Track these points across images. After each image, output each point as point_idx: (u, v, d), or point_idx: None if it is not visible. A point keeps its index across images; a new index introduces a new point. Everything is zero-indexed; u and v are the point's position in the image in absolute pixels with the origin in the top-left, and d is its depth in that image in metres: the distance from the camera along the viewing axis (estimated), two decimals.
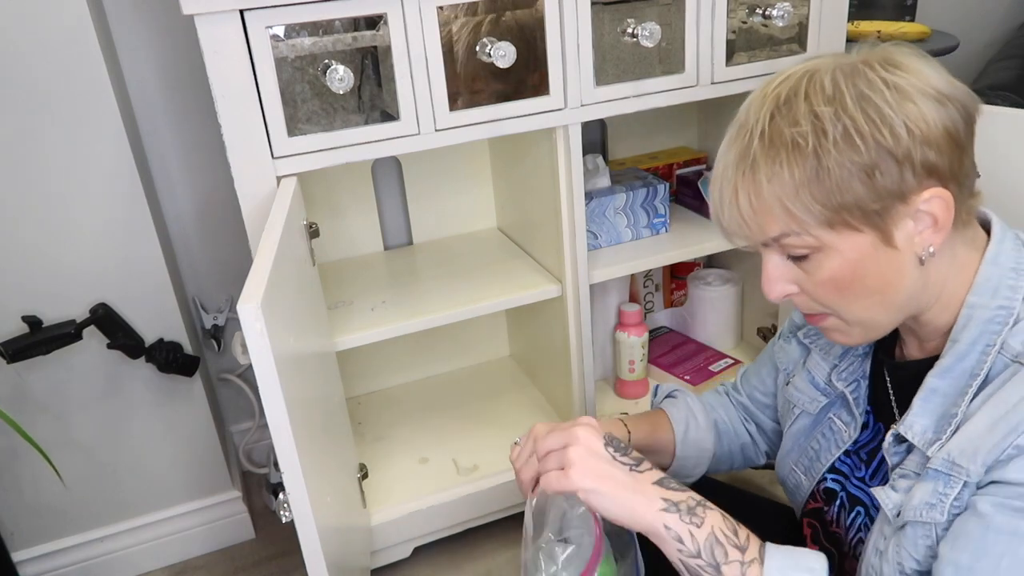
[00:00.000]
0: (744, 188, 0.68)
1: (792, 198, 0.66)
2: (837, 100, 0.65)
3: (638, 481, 0.72)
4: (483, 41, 1.08)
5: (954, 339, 0.70)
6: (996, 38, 2.27)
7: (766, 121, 0.67)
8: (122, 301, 1.28)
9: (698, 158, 1.64)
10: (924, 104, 0.64)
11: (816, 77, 0.66)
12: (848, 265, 0.68)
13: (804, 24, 1.26)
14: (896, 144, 0.64)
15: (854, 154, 0.64)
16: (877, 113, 0.64)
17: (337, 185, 1.47)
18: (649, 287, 1.71)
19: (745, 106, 0.71)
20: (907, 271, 0.68)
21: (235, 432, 1.65)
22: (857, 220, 0.66)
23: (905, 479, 0.71)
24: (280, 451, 0.76)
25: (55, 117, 1.16)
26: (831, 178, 0.64)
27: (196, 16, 0.94)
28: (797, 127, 0.65)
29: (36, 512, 1.35)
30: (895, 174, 0.64)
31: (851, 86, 0.65)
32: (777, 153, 0.66)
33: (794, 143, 0.65)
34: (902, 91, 0.64)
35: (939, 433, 0.69)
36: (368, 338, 1.23)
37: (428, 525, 1.35)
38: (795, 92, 0.66)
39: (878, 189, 0.65)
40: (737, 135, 0.70)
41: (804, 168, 0.65)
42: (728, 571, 0.68)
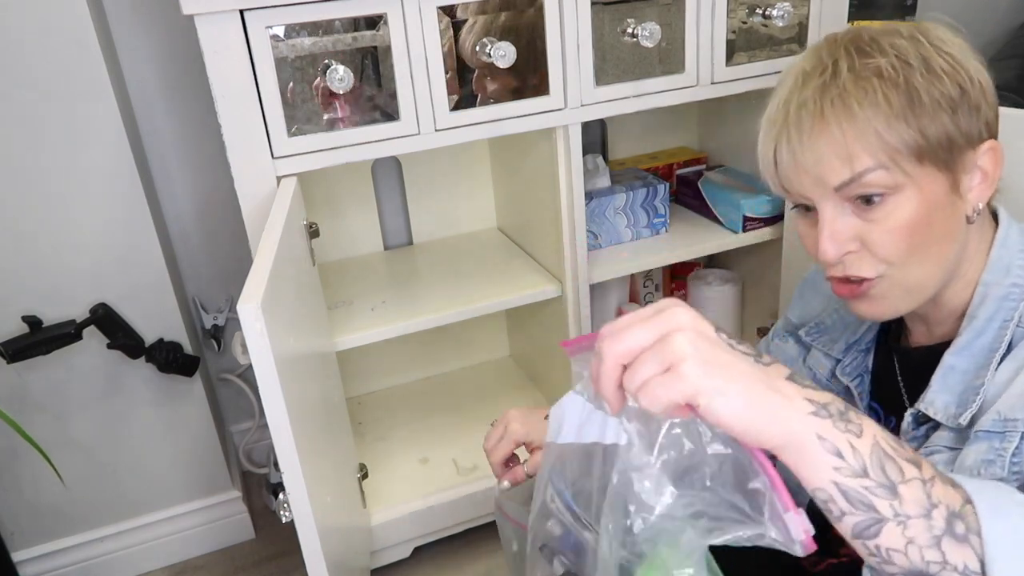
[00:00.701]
0: (835, 117, 0.65)
1: (887, 125, 0.64)
2: (917, 42, 0.67)
3: (770, 376, 0.51)
4: (483, 41, 1.08)
5: (972, 315, 0.71)
6: (996, 38, 2.27)
7: (852, 52, 0.67)
8: (122, 301, 1.28)
9: (698, 158, 1.64)
10: (977, 63, 0.68)
11: (889, 32, 0.68)
12: (924, 208, 0.67)
13: (804, 24, 1.26)
14: (971, 87, 0.66)
15: (941, 86, 0.65)
16: (950, 57, 0.66)
17: (337, 185, 1.47)
18: (649, 287, 1.71)
19: (809, 55, 0.70)
20: (960, 227, 0.70)
21: (235, 432, 1.65)
22: (942, 156, 0.66)
23: (936, 455, 0.70)
24: (280, 451, 0.76)
25: (55, 117, 1.16)
26: (923, 106, 0.65)
27: (196, 16, 0.94)
28: (886, 56, 0.65)
29: (36, 512, 1.35)
30: (970, 117, 0.67)
31: (923, 34, 0.67)
32: (868, 81, 0.65)
33: (885, 72, 0.65)
34: (962, 49, 0.68)
35: (965, 406, 0.68)
36: (368, 338, 1.23)
37: (428, 525, 1.35)
38: (868, 35, 0.68)
39: (960, 127, 0.66)
40: (811, 74, 0.68)
41: (898, 95, 0.65)
42: (907, 492, 0.50)
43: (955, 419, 0.69)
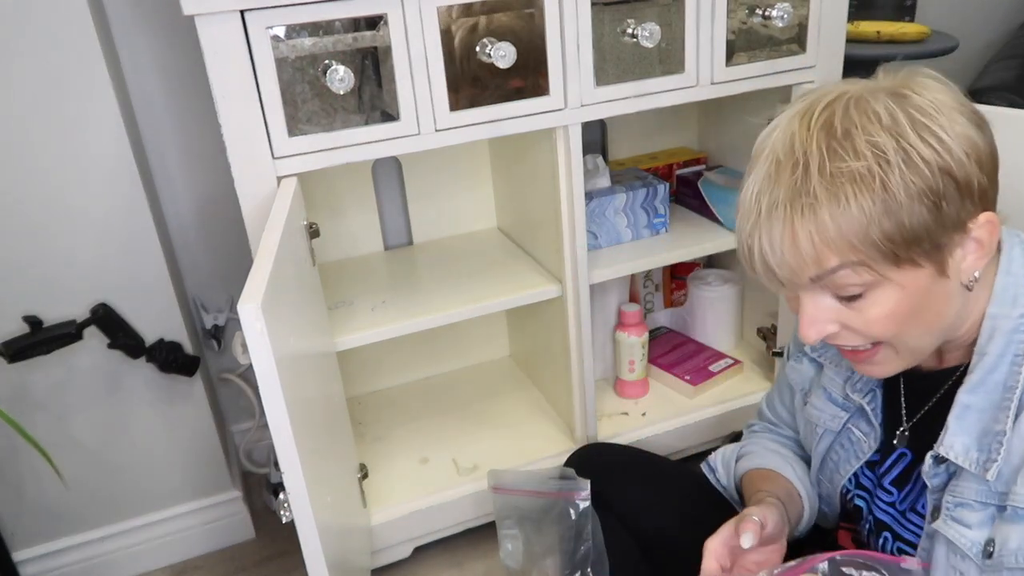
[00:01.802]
0: (804, 227, 0.64)
1: (861, 235, 0.62)
2: (896, 127, 0.62)
3: None
4: (483, 41, 1.08)
5: (981, 352, 0.69)
6: (996, 38, 2.27)
7: (824, 152, 0.63)
8: (122, 301, 1.28)
9: (698, 158, 1.64)
10: (968, 127, 0.64)
11: (862, 104, 0.64)
12: (906, 300, 0.66)
13: (804, 24, 1.26)
14: (957, 168, 0.62)
15: (921, 182, 0.62)
16: (935, 138, 0.62)
17: (337, 185, 1.47)
18: (649, 287, 1.71)
19: (783, 138, 0.67)
20: (954, 298, 0.68)
21: (235, 432, 1.65)
22: (923, 254, 0.64)
23: (968, 509, 0.69)
24: (280, 451, 0.76)
25: (55, 117, 1.16)
26: (902, 210, 0.62)
27: (196, 16, 0.94)
28: (860, 159, 0.62)
29: (36, 512, 1.35)
30: (957, 200, 0.63)
31: (903, 111, 0.63)
32: (841, 187, 0.62)
33: (859, 176, 0.62)
34: (948, 114, 0.63)
35: (988, 452, 0.67)
36: (368, 338, 1.23)
37: (428, 525, 1.35)
38: (848, 120, 0.63)
39: (944, 218, 0.63)
40: (783, 168, 0.65)
41: (873, 201, 0.62)
42: None
43: (980, 467, 0.68)
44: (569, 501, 1.09)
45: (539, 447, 1.43)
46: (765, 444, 0.99)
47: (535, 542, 1.17)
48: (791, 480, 0.92)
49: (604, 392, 1.57)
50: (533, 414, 1.54)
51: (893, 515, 0.81)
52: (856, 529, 0.89)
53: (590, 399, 1.39)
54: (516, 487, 1.20)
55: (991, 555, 0.67)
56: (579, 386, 1.38)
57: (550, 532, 1.13)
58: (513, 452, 1.42)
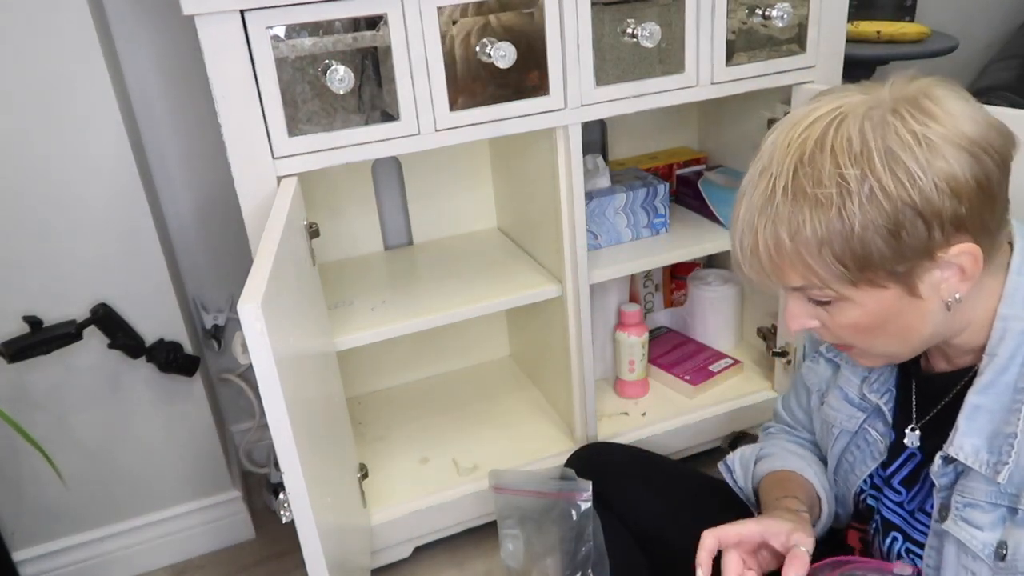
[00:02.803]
0: (764, 240, 0.67)
1: (814, 255, 0.65)
2: (864, 157, 0.62)
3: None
4: (483, 41, 1.08)
5: (991, 353, 0.69)
6: (996, 38, 2.27)
7: (789, 174, 0.65)
8: (122, 301, 1.28)
9: (698, 158, 1.64)
10: (956, 158, 0.62)
11: (843, 127, 0.64)
12: (869, 315, 0.67)
13: (804, 24, 1.26)
14: (924, 203, 0.61)
15: (879, 215, 0.62)
16: (905, 172, 0.61)
17: (337, 185, 1.47)
18: (649, 287, 1.71)
19: (770, 145, 0.69)
20: (931, 316, 0.68)
21: (235, 432, 1.65)
22: (881, 278, 0.65)
23: (978, 510, 0.69)
24: (280, 451, 0.76)
25: (55, 117, 1.16)
26: (854, 238, 0.63)
27: (196, 16, 0.94)
28: (821, 187, 0.63)
29: (36, 512, 1.35)
30: (922, 232, 0.62)
31: (879, 140, 0.62)
32: (800, 209, 0.64)
33: (817, 201, 0.63)
34: (932, 146, 0.62)
35: (998, 454, 0.67)
36: (368, 338, 1.23)
37: (428, 525, 1.35)
38: (820, 145, 0.64)
39: (903, 248, 0.63)
40: (759, 180, 0.68)
41: (827, 227, 0.63)
42: None
43: (990, 469, 0.68)
44: (570, 502, 1.09)
45: (539, 447, 1.43)
46: (784, 446, 0.99)
47: (536, 542, 1.17)
48: (812, 482, 0.92)
49: (604, 392, 1.57)
50: (533, 414, 1.54)
51: (902, 515, 0.81)
52: (865, 529, 0.89)
53: (590, 399, 1.39)
54: (517, 487, 1.20)
55: (1004, 557, 0.67)
56: (579, 386, 1.38)
57: (551, 532, 1.13)
58: (513, 452, 1.42)
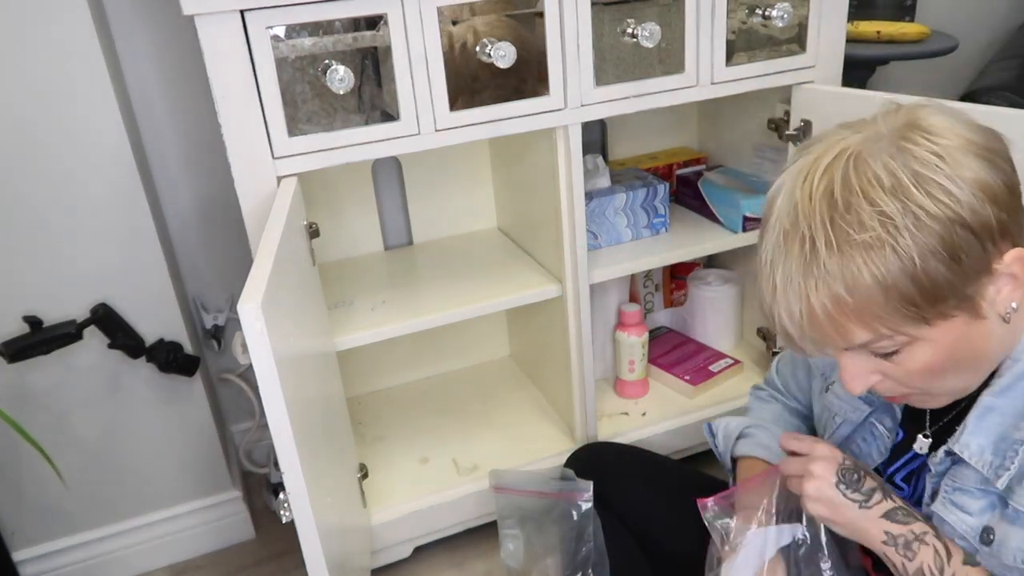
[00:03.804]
0: (820, 304, 0.63)
1: (880, 303, 0.62)
2: (899, 189, 0.60)
3: (865, 517, 0.75)
4: (483, 41, 1.08)
5: (1016, 358, 0.69)
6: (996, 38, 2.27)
7: (828, 227, 0.62)
8: (122, 301, 1.28)
9: (698, 158, 1.64)
10: (979, 165, 0.61)
11: (863, 165, 0.62)
12: (942, 351, 0.65)
13: (804, 24, 1.26)
14: (971, 215, 0.60)
15: (934, 240, 0.60)
16: (942, 191, 0.60)
17: (337, 185, 1.47)
18: (649, 287, 1.71)
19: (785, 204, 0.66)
20: (994, 334, 0.67)
21: (235, 432, 1.65)
22: (951, 308, 0.63)
23: (967, 496, 0.71)
24: (280, 451, 0.76)
25: (55, 117, 1.16)
26: (919, 272, 0.60)
27: (196, 16, 0.94)
28: (866, 231, 0.60)
29: (36, 512, 1.35)
30: (977, 247, 0.61)
31: (904, 168, 0.61)
32: (851, 260, 0.61)
33: (868, 246, 0.60)
34: (953, 159, 0.61)
35: (1003, 458, 0.68)
36: (368, 338, 1.23)
37: (428, 525, 1.35)
38: (849, 189, 0.61)
39: (965, 269, 0.61)
40: (788, 243, 0.65)
41: (887, 269, 0.60)
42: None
43: (992, 472, 0.68)
44: (571, 502, 1.09)
45: (539, 447, 1.43)
46: (768, 419, 1.00)
47: (536, 542, 1.17)
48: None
49: (604, 392, 1.57)
50: (533, 414, 1.54)
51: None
52: None
53: (590, 399, 1.39)
54: (517, 487, 1.21)
55: (990, 543, 0.68)
56: (579, 386, 1.38)
57: (551, 532, 1.13)
58: (513, 452, 1.42)
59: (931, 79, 2.16)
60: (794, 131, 1.30)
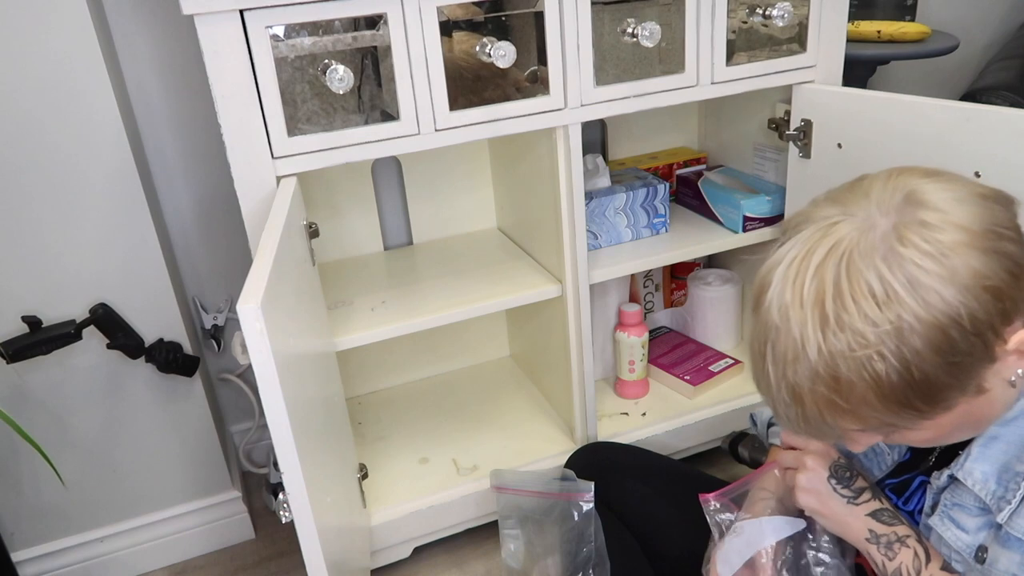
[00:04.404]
0: (813, 403, 0.62)
1: (878, 408, 0.61)
2: (893, 300, 0.58)
3: (852, 513, 0.79)
4: (483, 41, 1.08)
5: (1022, 390, 0.68)
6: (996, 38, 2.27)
7: (819, 338, 0.60)
8: (122, 301, 1.28)
9: (698, 158, 1.64)
10: (978, 259, 0.58)
11: (855, 272, 0.59)
12: (944, 428, 0.65)
13: (804, 24, 1.26)
14: (969, 317, 0.58)
15: (929, 347, 0.58)
16: (938, 298, 0.58)
17: (337, 185, 1.47)
18: (649, 287, 1.71)
19: (776, 300, 0.63)
20: (997, 399, 0.66)
21: (235, 432, 1.65)
22: (953, 399, 0.62)
23: (965, 512, 0.71)
24: (280, 451, 0.76)
25: (55, 117, 1.16)
26: (915, 381, 0.59)
27: (196, 16, 0.94)
28: (862, 347, 0.58)
29: (36, 512, 1.35)
30: (978, 345, 0.59)
31: (899, 275, 0.58)
32: (847, 372, 0.60)
33: (863, 362, 0.59)
34: (951, 258, 0.58)
35: (1005, 489, 0.68)
36: (368, 338, 1.23)
37: (428, 525, 1.35)
38: (841, 301, 0.59)
39: (967, 370, 0.60)
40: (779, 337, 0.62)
41: (885, 381, 0.59)
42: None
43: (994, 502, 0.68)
44: (572, 502, 1.09)
45: (539, 447, 1.43)
46: None
47: (537, 542, 1.17)
48: None
49: (604, 392, 1.57)
50: (533, 414, 1.53)
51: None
52: None
53: (590, 399, 1.39)
54: (518, 487, 1.20)
55: (983, 561, 0.69)
56: (579, 386, 1.38)
57: (552, 532, 1.13)
58: (513, 452, 1.42)
59: (931, 79, 2.16)
60: (794, 131, 1.30)
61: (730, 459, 1.46)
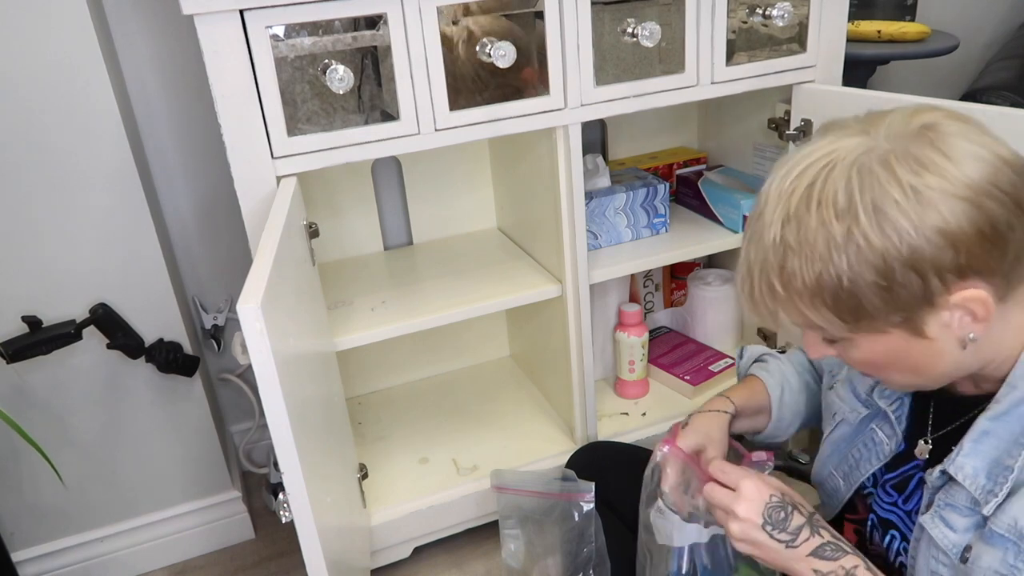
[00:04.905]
0: (759, 286, 0.68)
1: (808, 306, 0.66)
2: (850, 214, 0.61)
3: (793, 557, 0.76)
4: (483, 41, 1.08)
5: (1012, 385, 0.68)
6: (996, 38, 2.27)
7: (779, 227, 0.65)
8: (122, 301, 1.28)
9: (698, 158, 1.64)
10: (951, 209, 0.59)
11: (831, 179, 0.63)
12: (878, 355, 0.68)
13: (804, 24, 1.26)
14: (915, 256, 0.60)
15: (868, 270, 0.61)
16: (894, 228, 0.60)
17: (337, 185, 1.47)
18: (649, 287, 1.71)
19: (765, 191, 0.69)
20: (947, 353, 0.67)
21: (235, 432, 1.65)
22: (880, 326, 0.65)
23: (956, 513, 0.71)
24: (280, 451, 0.76)
25: (55, 117, 1.16)
26: (843, 292, 0.63)
27: (196, 16, 0.94)
28: (808, 243, 0.63)
29: (36, 512, 1.35)
30: (916, 283, 0.61)
31: (866, 195, 0.61)
32: (790, 261, 0.65)
33: (806, 256, 0.63)
34: (923, 198, 0.60)
35: (993, 483, 0.68)
36: (368, 338, 1.23)
37: (428, 525, 1.35)
38: (807, 200, 0.63)
39: (898, 301, 0.62)
40: (755, 226, 0.69)
41: (817, 281, 0.63)
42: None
43: (984, 495, 0.68)
44: (573, 502, 1.09)
45: (539, 447, 1.43)
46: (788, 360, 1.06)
47: (537, 542, 1.17)
48: (770, 395, 1.02)
49: (604, 392, 1.57)
50: (533, 414, 1.53)
51: (898, 515, 0.82)
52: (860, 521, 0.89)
53: (590, 399, 1.39)
54: (519, 487, 1.20)
55: (966, 561, 0.69)
56: (579, 386, 1.38)
57: (552, 532, 1.13)
58: (513, 452, 1.42)
59: (931, 79, 2.16)
60: (794, 131, 1.30)
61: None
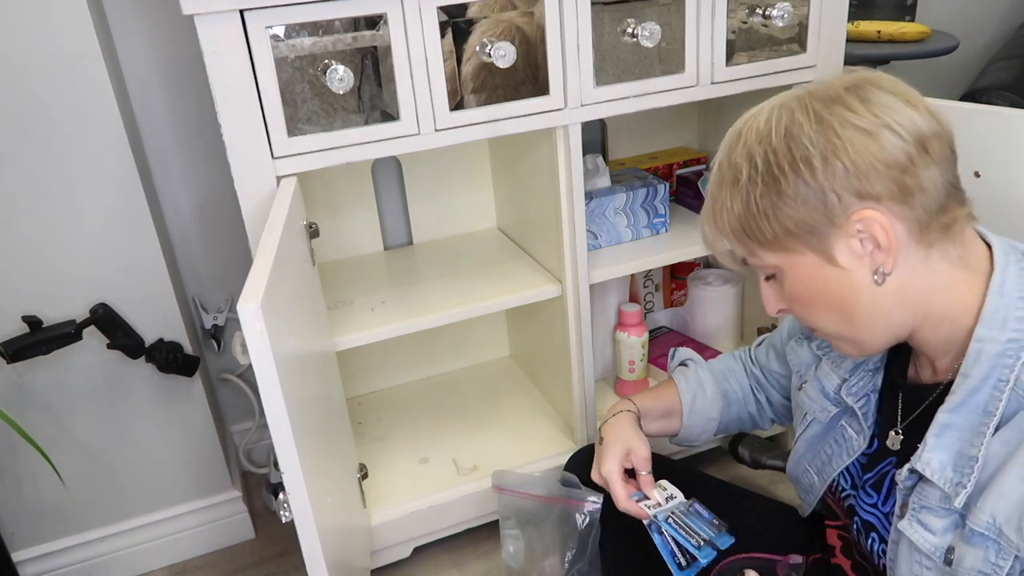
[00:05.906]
0: (708, 214, 0.78)
1: (735, 226, 0.74)
2: (766, 139, 0.71)
3: None
4: (483, 41, 1.08)
5: (965, 373, 0.69)
6: (996, 38, 2.27)
7: (721, 156, 0.76)
8: (122, 301, 1.28)
9: (698, 158, 1.64)
10: (849, 135, 0.67)
11: (761, 115, 0.73)
12: (801, 283, 0.73)
13: (804, 24, 1.26)
14: (813, 176, 0.68)
15: (775, 186, 0.70)
16: (799, 149, 0.68)
17: (337, 185, 1.47)
18: (649, 287, 1.71)
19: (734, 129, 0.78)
20: (862, 289, 0.70)
21: (235, 432, 1.65)
22: (793, 243, 0.71)
23: (932, 514, 0.71)
24: (280, 451, 0.76)
25: (55, 117, 1.16)
26: (758, 209, 0.71)
27: (196, 16, 0.94)
28: (734, 167, 0.73)
29: (36, 512, 1.35)
30: (815, 201, 0.68)
31: (780, 124, 0.70)
32: (723, 186, 0.75)
33: (733, 178, 0.73)
34: (828, 126, 0.68)
35: (960, 475, 0.68)
36: (368, 338, 1.23)
37: (428, 525, 1.35)
38: (740, 130, 0.74)
39: (801, 215, 0.69)
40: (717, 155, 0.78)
41: (739, 200, 0.73)
42: None
43: (952, 488, 0.69)
44: (575, 508, 1.09)
45: (539, 447, 1.43)
46: (709, 366, 1.12)
47: (537, 543, 1.17)
48: (681, 399, 1.08)
49: (604, 392, 1.57)
50: (533, 414, 1.53)
51: (877, 516, 0.82)
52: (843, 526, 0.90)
53: (590, 399, 1.39)
54: (519, 489, 1.20)
55: (951, 563, 0.69)
56: (579, 386, 1.38)
57: (552, 533, 1.13)
58: (513, 452, 1.42)
59: (931, 79, 2.16)
60: None
61: (730, 459, 1.46)
